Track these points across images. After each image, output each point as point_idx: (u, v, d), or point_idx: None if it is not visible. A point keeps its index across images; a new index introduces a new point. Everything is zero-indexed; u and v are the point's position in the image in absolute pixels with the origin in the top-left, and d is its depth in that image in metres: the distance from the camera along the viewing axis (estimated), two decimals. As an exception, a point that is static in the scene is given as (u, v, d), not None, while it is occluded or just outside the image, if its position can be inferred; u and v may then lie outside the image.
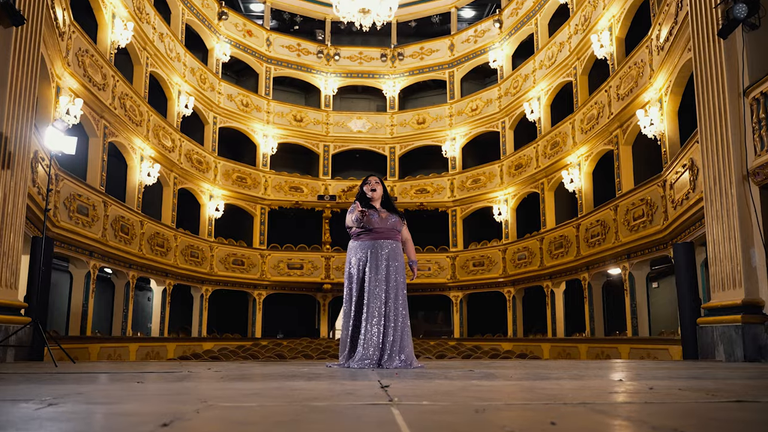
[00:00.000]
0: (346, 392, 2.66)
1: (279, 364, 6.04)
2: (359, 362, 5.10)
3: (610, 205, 12.84)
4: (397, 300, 5.30)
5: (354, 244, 5.50)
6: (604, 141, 13.63)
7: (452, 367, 5.27)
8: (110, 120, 12.50)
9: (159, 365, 5.62)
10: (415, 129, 21.02)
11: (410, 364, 5.24)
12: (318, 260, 19.55)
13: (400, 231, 5.54)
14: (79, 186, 11.01)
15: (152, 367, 5.20)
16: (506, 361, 7.60)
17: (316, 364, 6.14)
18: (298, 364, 5.99)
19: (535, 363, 6.61)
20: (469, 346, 15.91)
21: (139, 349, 13.76)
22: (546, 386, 3.00)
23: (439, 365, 5.86)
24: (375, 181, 5.60)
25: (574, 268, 14.72)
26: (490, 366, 5.44)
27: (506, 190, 18.47)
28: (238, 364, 5.89)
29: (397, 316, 5.26)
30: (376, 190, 5.55)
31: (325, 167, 20.80)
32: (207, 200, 17.96)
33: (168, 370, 4.68)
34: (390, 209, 5.60)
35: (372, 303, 5.24)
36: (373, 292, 5.23)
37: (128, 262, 13.41)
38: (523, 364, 6.00)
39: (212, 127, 18.48)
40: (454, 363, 6.85)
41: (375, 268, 5.29)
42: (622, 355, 12.22)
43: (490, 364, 6.04)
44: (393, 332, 5.20)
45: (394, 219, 5.48)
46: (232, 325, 19.18)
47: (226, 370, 4.79)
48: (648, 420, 1.82)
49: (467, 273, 19.07)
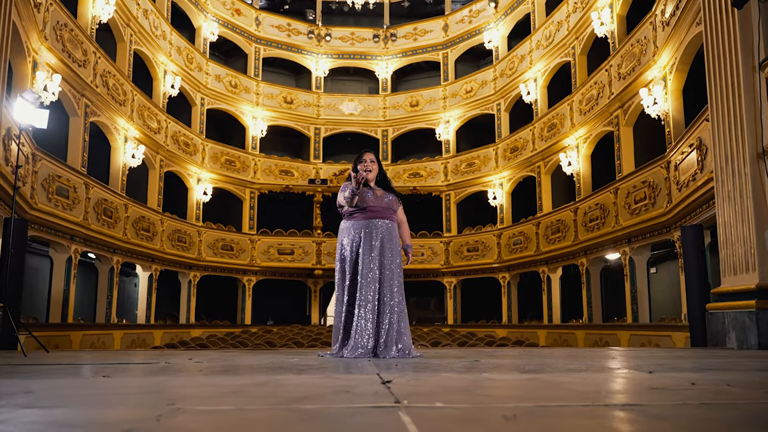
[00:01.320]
0: (342, 389, 2.26)
1: (267, 353, 5.65)
2: (352, 351, 4.71)
3: (610, 188, 12.48)
4: (393, 284, 4.91)
5: (346, 225, 5.09)
6: (603, 122, 13.24)
7: (453, 357, 4.89)
8: (92, 98, 11.98)
9: (137, 355, 5.22)
10: (408, 112, 20.57)
11: (408, 353, 4.85)
12: (309, 246, 19.13)
13: (396, 211, 5.14)
14: (58, 167, 10.52)
15: (129, 357, 4.79)
16: (507, 350, 7.24)
17: (307, 352, 5.75)
18: (288, 353, 5.59)
19: (539, 351, 6.25)
20: (463, 332, 15.57)
21: (124, 337, 13.33)
22: (569, 380, 2.62)
23: (437, 354, 5.48)
24: (370, 159, 5.17)
25: (571, 253, 14.38)
26: (494, 355, 5.07)
27: (501, 174, 18.09)
28: (224, 354, 5.50)
29: (392, 302, 4.87)
30: (371, 170, 5.14)
31: (316, 150, 20.33)
32: (195, 184, 17.47)
33: (145, 360, 4.28)
34: (386, 188, 5.20)
35: (365, 287, 4.84)
36: (367, 275, 4.84)
37: (112, 246, 12.94)
38: (527, 353, 5.63)
39: (200, 108, 17.96)
40: (453, 351, 6.48)
41: (368, 250, 4.89)
42: (621, 342, 11.92)
43: (492, 352, 5.67)
44: (388, 319, 4.81)
45: (390, 198, 5.08)
46: (221, 311, 18.77)
47: (208, 360, 4.38)
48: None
49: (461, 258, 18.71)
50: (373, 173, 5.16)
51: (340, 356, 4.80)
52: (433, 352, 6.00)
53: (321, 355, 5.00)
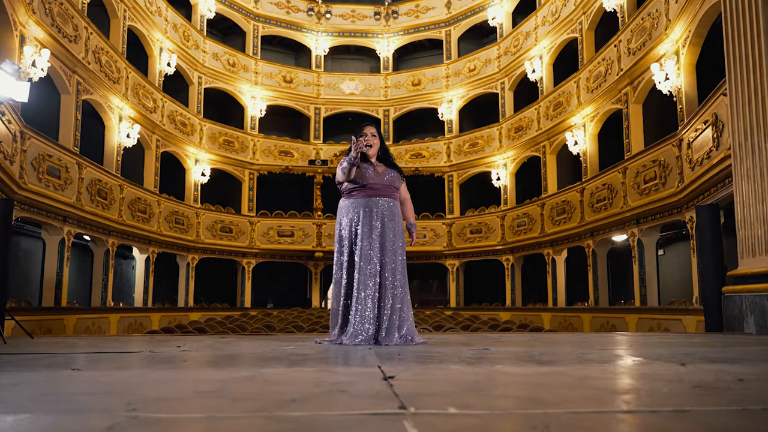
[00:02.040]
0: (337, 388, 1.95)
1: (263, 339, 5.35)
2: (352, 338, 4.41)
3: (619, 168, 12.12)
4: (395, 266, 4.60)
5: (345, 203, 4.77)
6: (612, 100, 12.84)
7: (459, 344, 4.58)
8: (84, 76, 11.60)
9: (125, 342, 4.92)
10: (410, 91, 20.15)
11: (411, 339, 4.56)
12: (309, 227, 18.82)
13: (398, 188, 4.82)
14: (49, 146, 10.17)
15: (115, 345, 4.49)
16: (515, 335, 6.93)
17: (305, 338, 5.45)
18: (285, 340, 5.29)
19: (549, 337, 5.95)
20: (466, 315, 15.30)
21: (121, 321, 13.07)
22: (594, 375, 2.30)
23: (442, 340, 5.18)
24: (371, 133, 4.84)
25: (577, 234, 14.05)
26: (502, 342, 4.76)
27: (505, 154, 17.71)
28: (217, 340, 5.20)
29: (394, 285, 4.56)
30: (372, 145, 4.81)
31: (317, 131, 19.95)
32: (192, 164, 17.13)
33: (128, 349, 3.97)
34: (388, 164, 4.87)
35: (365, 269, 4.53)
36: (367, 256, 4.52)
37: (107, 228, 12.63)
38: (536, 339, 5.33)
39: (197, 87, 17.55)
40: (458, 337, 6.17)
41: (369, 230, 4.58)
42: (629, 326, 11.62)
43: (500, 338, 5.37)
44: (390, 304, 4.51)
45: (392, 174, 4.75)
46: (220, 294, 18.51)
47: (197, 348, 4.08)
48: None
49: (464, 240, 18.40)
50: (374, 148, 4.84)
51: (339, 343, 4.51)
52: (438, 338, 5.70)
53: (319, 341, 4.71)
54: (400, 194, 4.90)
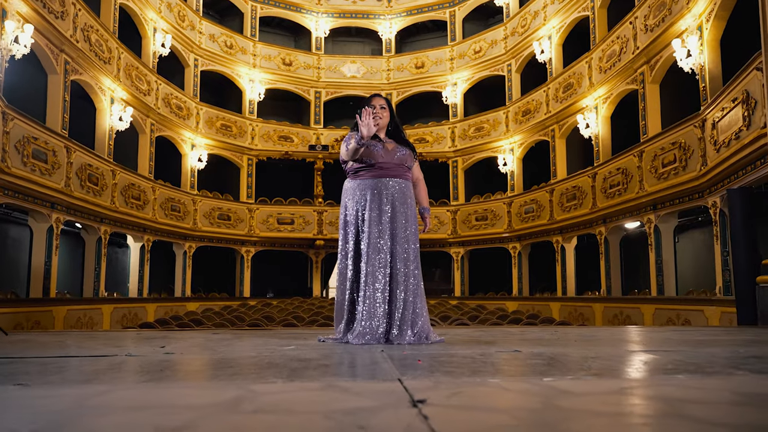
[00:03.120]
0: (354, 422, 1.42)
1: (260, 336, 4.82)
2: (360, 337, 3.89)
3: (634, 151, 11.55)
4: (407, 255, 4.07)
5: (351, 184, 4.23)
6: (626, 80, 12.25)
7: (482, 342, 4.06)
8: (72, 54, 11.01)
9: (104, 339, 4.40)
10: (413, 74, 19.54)
11: (426, 337, 4.03)
12: (310, 215, 18.28)
13: (410, 168, 4.27)
14: (34, 128, 9.60)
15: (90, 345, 3.97)
16: (538, 330, 6.36)
17: (307, 335, 4.92)
18: (285, 336, 4.77)
19: (576, 332, 5.41)
20: (472, 305, 14.80)
21: (114, 311, 12.55)
22: (693, 396, 1.77)
23: (458, 336, 4.66)
24: (380, 105, 4.31)
25: (588, 221, 13.50)
26: (527, 339, 4.24)
27: (512, 139, 17.13)
28: (208, 337, 4.68)
29: (407, 277, 4.03)
30: (381, 118, 4.27)
31: (317, 115, 19.36)
32: (189, 150, 16.56)
33: (101, 352, 3.43)
34: (399, 140, 4.33)
35: (373, 259, 4.00)
36: (376, 245, 3.99)
37: (99, 215, 12.08)
38: (567, 334, 4.81)
39: (193, 70, 16.95)
40: (474, 332, 5.65)
41: (377, 215, 4.04)
42: (644, 317, 11.10)
43: (523, 334, 4.84)
44: (403, 297, 3.99)
45: (404, 152, 4.21)
46: (218, 284, 18.01)
47: (183, 349, 3.55)
48: None
49: (469, 228, 17.87)
50: (384, 122, 4.30)
51: (345, 341, 3.99)
52: (451, 333, 5.18)
53: (322, 340, 4.18)
54: (413, 174, 4.37)
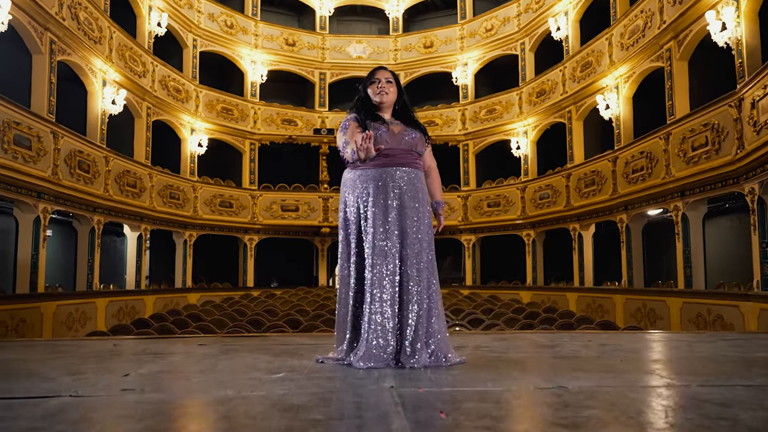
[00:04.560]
0: None
1: (249, 352, 4.17)
2: (365, 360, 3.22)
3: (660, 134, 10.79)
4: (420, 260, 3.36)
5: (351, 176, 3.51)
6: (651, 57, 11.46)
7: (508, 364, 3.39)
8: (58, 33, 10.31)
9: (60, 358, 3.75)
10: (421, 54, 18.75)
11: (445, 358, 3.35)
12: (315, 201, 17.61)
13: (421, 154, 3.55)
14: (15, 112, 8.94)
15: (35, 370, 3.32)
16: (568, 337, 5.63)
17: (304, 348, 4.25)
18: (277, 353, 4.11)
19: (620, 341, 4.72)
20: (484, 296, 14.16)
21: (110, 305, 11.95)
22: None
23: (479, 351, 3.99)
24: (386, 78, 3.58)
25: (608, 208, 12.77)
26: (561, 354, 3.56)
27: (526, 121, 16.36)
28: (189, 352, 4.04)
29: (419, 286, 3.33)
30: (387, 93, 3.56)
31: (322, 98, 18.63)
32: (188, 134, 15.88)
33: (33, 392, 2.78)
34: (407, 121, 3.61)
35: (379, 265, 3.31)
36: (382, 248, 3.30)
37: (91, 204, 11.45)
38: (609, 346, 4.13)
39: (192, 50, 16.22)
40: (494, 342, 4.97)
41: (383, 211, 3.34)
42: (671, 311, 10.40)
43: (555, 348, 4.16)
44: (415, 310, 3.30)
45: (413, 135, 3.49)
46: (221, 273, 17.41)
47: (144, 383, 2.89)
48: None
49: (481, 214, 17.17)
50: (390, 98, 3.58)
51: (347, 363, 3.33)
52: (470, 342, 4.51)
53: (321, 360, 3.50)
54: (424, 162, 3.66)
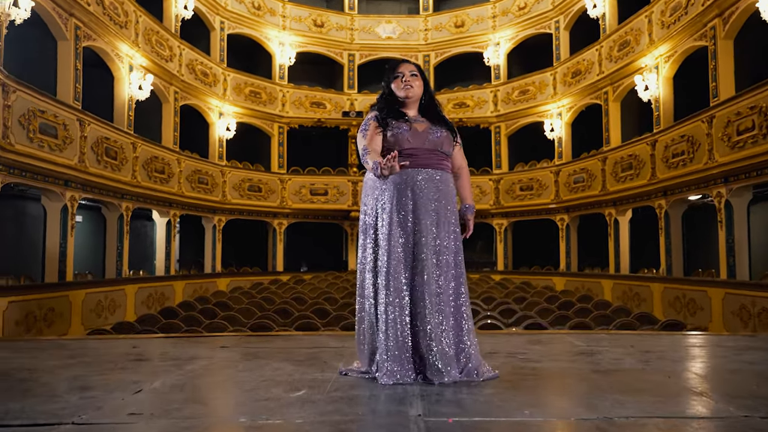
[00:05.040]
0: None
1: (270, 357, 3.99)
2: (389, 376, 3.01)
3: (703, 117, 10.29)
4: (442, 268, 3.14)
5: (371, 176, 3.26)
6: (694, 36, 10.92)
7: (545, 381, 3.14)
8: (83, 19, 10.19)
9: (68, 368, 3.61)
10: (452, 33, 18.29)
11: (477, 372, 3.13)
12: (344, 185, 17.41)
13: (448, 154, 3.28)
14: (41, 100, 8.85)
15: (42, 380, 3.18)
16: (607, 339, 5.27)
17: (329, 353, 4.06)
18: (300, 358, 3.92)
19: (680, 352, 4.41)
20: (516, 282, 13.84)
21: (139, 292, 11.96)
22: None
23: (512, 359, 3.75)
24: (410, 72, 3.30)
25: (646, 193, 12.31)
26: (601, 367, 3.29)
27: (560, 102, 15.88)
28: (209, 358, 3.88)
29: (443, 296, 3.10)
30: (412, 87, 3.29)
31: (351, 79, 18.33)
32: (216, 118, 15.76)
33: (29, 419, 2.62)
34: (433, 117, 3.33)
35: (396, 274, 3.09)
36: (399, 256, 3.09)
37: (119, 191, 11.39)
38: (653, 354, 3.85)
39: (219, 33, 16.04)
40: (529, 344, 4.71)
41: (401, 217, 3.13)
42: (712, 302, 10.00)
43: (594, 355, 3.87)
44: (438, 321, 3.08)
45: (440, 133, 3.23)
46: (250, 257, 17.38)
47: (151, 405, 2.72)
48: None
49: (513, 198, 16.79)
50: (415, 91, 3.31)
51: (372, 377, 3.13)
52: (504, 348, 4.27)
53: (344, 372, 3.29)
54: (453, 162, 3.39)
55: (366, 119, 3.30)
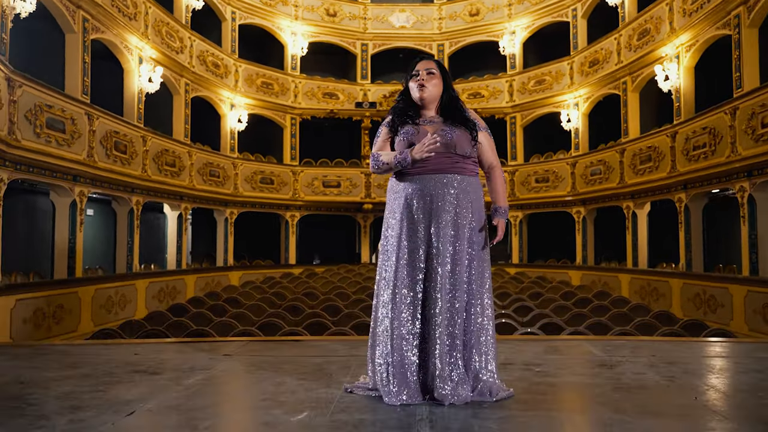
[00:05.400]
0: None
1: (272, 371, 3.83)
2: (395, 396, 2.85)
3: (726, 108, 9.97)
4: (458, 283, 2.93)
5: (392, 184, 3.10)
6: (716, 24, 10.57)
7: (567, 408, 2.94)
8: (90, 11, 10.03)
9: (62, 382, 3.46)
10: (467, 22, 17.97)
11: (490, 392, 2.94)
12: (357, 177, 17.22)
13: (468, 155, 3.04)
14: (47, 94, 8.71)
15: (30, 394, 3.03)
16: (628, 347, 4.98)
17: (335, 364, 3.89)
18: (305, 369, 3.75)
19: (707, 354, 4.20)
20: (532, 276, 13.62)
21: (150, 286, 11.87)
22: None
23: (527, 372, 3.55)
24: (426, 69, 3.10)
25: (666, 186, 12.00)
26: (623, 382, 3.08)
27: (577, 92, 15.55)
28: (208, 368, 3.71)
29: (455, 311, 2.91)
30: (425, 88, 3.09)
31: (364, 69, 18.08)
32: (227, 110, 15.60)
33: None
34: (453, 117, 3.10)
35: (403, 287, 2.95)
36: (407, 270, 2.94)
37: (129, 185, 11.28)
38: (676, 368, 3.63)
39: (230, 24, 15.85)
40: (546, 356, 4.51)
41: (412, 228, 2.95)
42: (734, 299, 9.72)
43: (614, 367, 3.64)
44: (448, 342, 2.91)
45: (452, 134, 3.00)
46: (263, 250, 17.27)
47: (143, 425, 2.56)
48: None
49: (528, 190, 16.52)
50: (431, 91, 3.11)
51: (379, 396, 2.96)
52: (520, 358, 4.08)
53: (349, 390, 3.13)
54: (482, 161, 3.16)
55: (380, 126, 3.16)
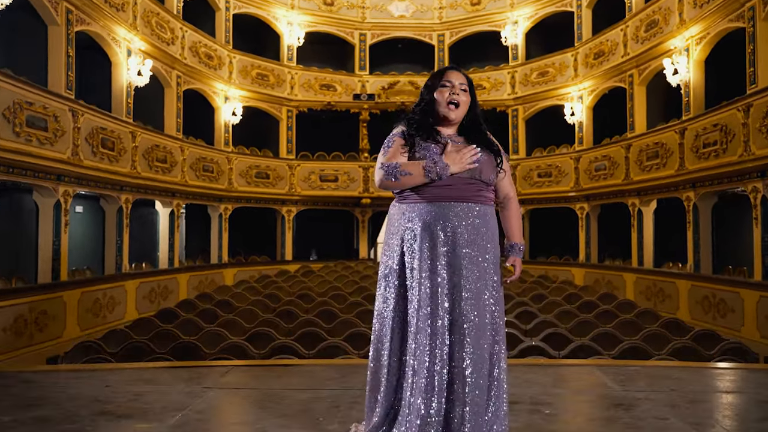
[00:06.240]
0: None
1: (255, 408, 3.46)
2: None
3: (739, 105, 9.54)
4: (479, 326, 2.56)
5: (395, 210, 2.72)
6: (729, 16, 10.12)
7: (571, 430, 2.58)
8: (75, 2, 9.54)
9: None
10: (468, 11, 17.48)
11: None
12: (355, 171, 16.81)
13: (491, 182, 2.69)
14: (28, 90, 8.28)
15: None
16: (644, 379, 4.52)
17: (327, 402, 3.51)
18: (290, 411, 3.37)
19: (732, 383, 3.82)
20: (534, 275, 13.24)
21: (140, 287, 11.49)
22: None
23: (534, 391, 3.19)
24: (459, 81, 2.70)
25: (673, 184, 11.59)
26: (641, 418, 2.72)
27: (581, 85, 15.10)
28: (181, 408, 3.34)
29: (477, 359, 2.53)
30: (458, 107, 2.69)
31: (362, 60, 17.61)
32: (221, 103, 15.16)
33: None
34: (474, 138, 2.72)
35: (423, 330, 2.56)
36: (429, 308, 2.55)
37: (117, 183, 10.86)
38: (701, 407, 3.27)
39: (224, 13, 15.36)
40: (555, 394, 4.15)
41: (431, 262, 2.58)
42: (745, 304, 9.35)
43: (630, 386, 3.27)
44: (467, 391, 2.53)
45: (481, 158, 2.62)
46: (258, 245, 16.89)
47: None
48: None
49: (530, 185, 16.12)
50: (462, 109, 2.70)
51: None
52: (528, 392, 3.71)
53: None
54: (499, 191, 2.81)
55: (390, 135, 2.73)
